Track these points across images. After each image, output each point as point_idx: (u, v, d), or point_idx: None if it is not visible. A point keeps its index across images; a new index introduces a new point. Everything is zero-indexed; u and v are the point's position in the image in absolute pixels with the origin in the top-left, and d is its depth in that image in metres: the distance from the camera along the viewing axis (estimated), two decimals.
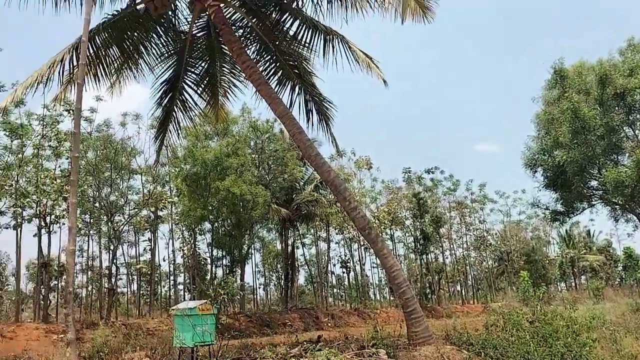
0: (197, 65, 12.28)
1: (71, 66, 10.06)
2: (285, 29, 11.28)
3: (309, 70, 11.94)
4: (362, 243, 40.37)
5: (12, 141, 23.13)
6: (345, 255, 44.54)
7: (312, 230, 41.15)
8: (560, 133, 23.65)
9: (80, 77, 4.14)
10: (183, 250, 34.70)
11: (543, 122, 25.13)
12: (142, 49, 11.18)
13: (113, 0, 10.03)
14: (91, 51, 10.20)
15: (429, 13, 9.18)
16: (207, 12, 10.43)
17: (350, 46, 11.03)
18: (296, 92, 12.04)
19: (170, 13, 11.02)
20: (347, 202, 9.79)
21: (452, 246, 50.30)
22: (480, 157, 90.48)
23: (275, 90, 11.42)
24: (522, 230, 53.41)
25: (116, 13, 10.25)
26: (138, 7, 10.34)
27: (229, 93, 13.09)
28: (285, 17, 11.07)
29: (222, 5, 10.53)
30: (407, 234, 45.05)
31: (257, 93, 10.69)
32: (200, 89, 12.66)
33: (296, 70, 11.79)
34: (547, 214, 28.17)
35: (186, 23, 11.46)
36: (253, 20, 11.35)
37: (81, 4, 9.61)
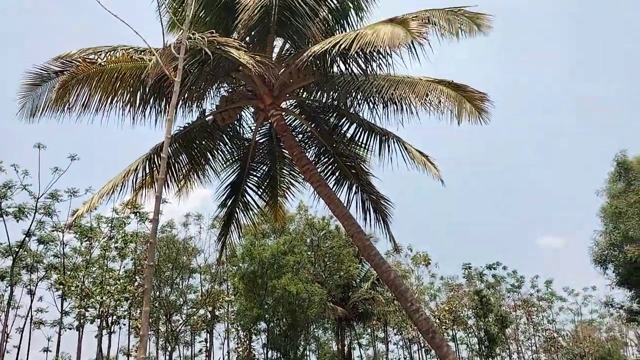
0: (258, 169, 12.85)
1: (144, 174, 10.75)
2: (342, 132, 11.80)
3: (366, 169, 12.20)
4: (422, 344, 38.42)
5: (81, 243, 24.32)
6: (405, 358, 42.31)
7: (369, 330, 39.69)
8: (629, 227, 22.54)
9: (159, 190, 4.44)
10: (238, 351, 34.08)
11: (610, 215, 24.14)
12: (209, 156, 11.88)
13: (185, 116, 10.86)
14: (159, 160, 10.83)
15: (484, 114, 9.40)
16: (270, 121, 11.07)
17: (406, 146, 11.32)
18: (353, 191, 12.24)
19: (236, 123, 11.77)
20: (409, 303, 9.49)
21: (519, 348, 47.00)
22: (543, 251, 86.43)
23: (333, 189, 11.68)
24: (595, 331, 49.49)
25: (187, 125, 11.05)
26: (207, 118, 11.13)
27: (287, 193, 13.43)
28: (342, 121, 11.61)
29: (283, 114, 11.16)
30: (470, 335, 42.64)
31: (316, 193, 10.98)
32: (261, 190, 13.09)
33: (353, 170, 12.08)
34: (622, 314, 26.20)
35: (250, 131, 12.19)
36: (312, 126, 11.92)
37: (156, 120, 10.57)
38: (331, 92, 10.97)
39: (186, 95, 10.40)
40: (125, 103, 10.19)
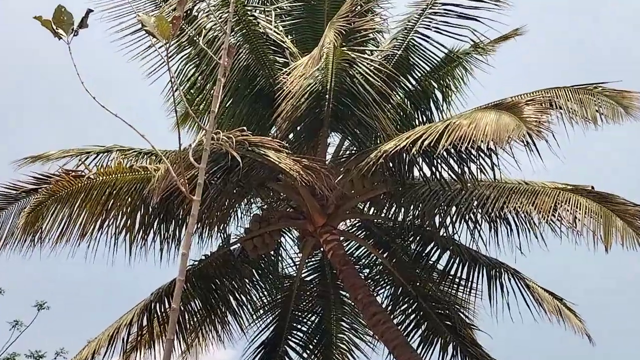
0: (304, 320, 12.84)
1: (139, 330, 10.91)
2: (429, 264, 11.77)
3: (468, 321, 11.98)
4: None
5: None
6: None
7: None
8: None
9: (167, 357, 4.45)
10: None
11: None
12: (233, 301, 11.91)
13: (201, 244, 11.13)
14: (163, 310, 11.01)
15: None
16: (323, 249, 11.06)
17: (527, 283, 11.13)
18: (450, 354, 11.91)
19: (272, 253, 11.94)
20: None
21: None
22: None
23: (418, 351, 11.51)
24: None
25: (203, 258, 11.24)
26: (232, 247, 11.38)
27: (348, 357, 13.14)
28: (429, 249, 11.63)
29: (342, 239, 11.24)
30: None
31: (392, 357, 10.75)
32: (308, 352, 12.94)
33: (448, 322, 11.88)
34: None
35: (293, 265, 12.33)
36: (384, 256, 11.95)
37: (161, 251, 10.85)
38: (411, 208, 11.04)
39: (204, 215, 10.62)
40: (120, 228, 10.50)
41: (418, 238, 11.72)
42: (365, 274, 12.14)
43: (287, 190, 10.90)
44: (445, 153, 9.46)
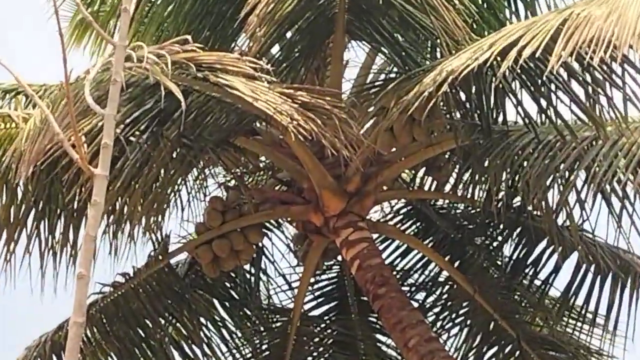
0: None
1: None
2: (536, 281, 11.64)
3: None
4: None
5: None
6: None
7: None
8: None
9: None
10: None
11: None
12: (178, 356, 11.71)
13: (117, 258, 10.68)
14: None
15: None
16: (342, 256, 10.91)
17: None
18: None
19: (248, 269, 11.79)
20: None
21: None
22: None
23: None
24: None
25: (121, 282, 10.97)
26: (174, 260, 11.27)
27: None
28: (538, 251, 11.38)
29: (376, 236, 11.13)
30: None
31: None
32: None
33: None
34: None
35: (287, 288, 12.16)
36: (453, 266, 11.75)
37: (42, 267, 10.45)
38: (503, 176, 10.59)
39: (119, 203, 10.40)
40: None
41: (517, 233, 11.43)
42: (420, 302, 11.93)
43: (272, 152, 10.78)
44: (563, 71, 9.20)
